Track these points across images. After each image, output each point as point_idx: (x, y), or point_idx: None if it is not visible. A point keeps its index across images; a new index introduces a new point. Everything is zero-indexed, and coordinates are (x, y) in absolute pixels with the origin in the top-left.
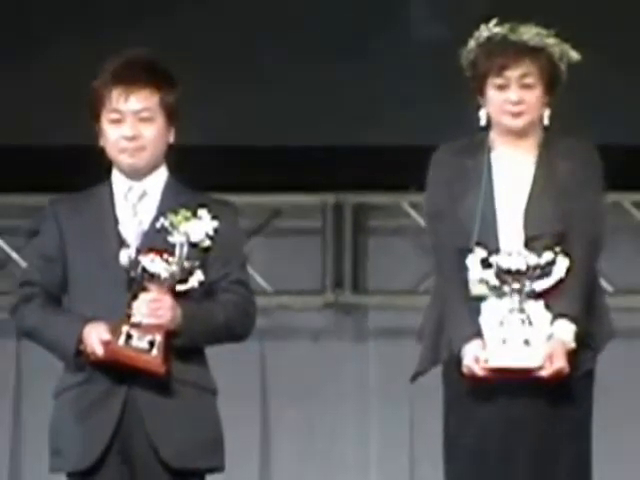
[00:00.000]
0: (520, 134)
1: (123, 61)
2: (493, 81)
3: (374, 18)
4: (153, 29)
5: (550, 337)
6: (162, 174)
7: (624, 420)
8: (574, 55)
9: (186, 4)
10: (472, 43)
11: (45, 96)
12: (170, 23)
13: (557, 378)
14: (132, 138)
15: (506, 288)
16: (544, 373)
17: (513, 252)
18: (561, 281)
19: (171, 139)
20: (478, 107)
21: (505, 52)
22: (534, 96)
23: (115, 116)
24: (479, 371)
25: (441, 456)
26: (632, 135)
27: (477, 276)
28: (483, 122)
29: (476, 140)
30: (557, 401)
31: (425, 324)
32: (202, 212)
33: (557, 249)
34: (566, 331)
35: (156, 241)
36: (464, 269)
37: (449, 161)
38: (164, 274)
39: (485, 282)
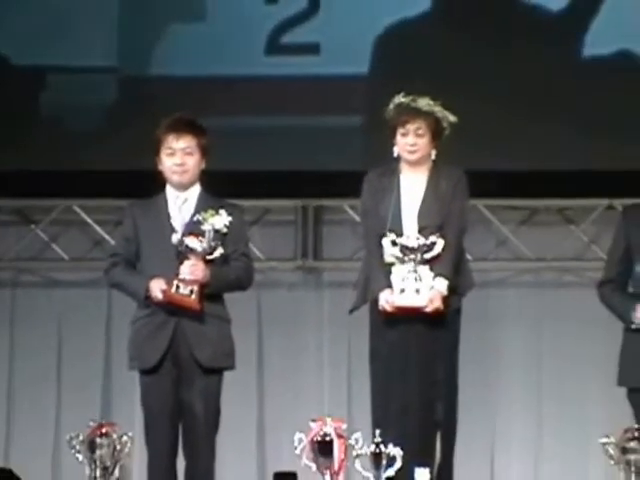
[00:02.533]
0: (416, 165)
1: (175, 119)
2: (399, 130)
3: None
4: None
5: (432, 288)
6: (197, 188)
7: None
8: (452, 117)
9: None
10: (391, 105)
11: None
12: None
13: (436, 313)
14: (180, 165)
15: (406, 258)
16: (428, 310)
17: (411, 236)
18: (439, 255)
19: (203, 166)
20: (392, 146)
21: (407, 113)
22: (424, 142)
23: (170, 151)
24: (389, 308)
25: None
26: (485, 162)
27: (389, 251)
28: (395, 155)
29: (391, 167)
30: (435, 328)
31: (358, 278)
32: (222, 211)
33: (437, 235)
34: (441, 284)
35: (194, 229)
36: (381, 246)
37: (374, 180)
38: (199, 249)
39: (394, 255)
